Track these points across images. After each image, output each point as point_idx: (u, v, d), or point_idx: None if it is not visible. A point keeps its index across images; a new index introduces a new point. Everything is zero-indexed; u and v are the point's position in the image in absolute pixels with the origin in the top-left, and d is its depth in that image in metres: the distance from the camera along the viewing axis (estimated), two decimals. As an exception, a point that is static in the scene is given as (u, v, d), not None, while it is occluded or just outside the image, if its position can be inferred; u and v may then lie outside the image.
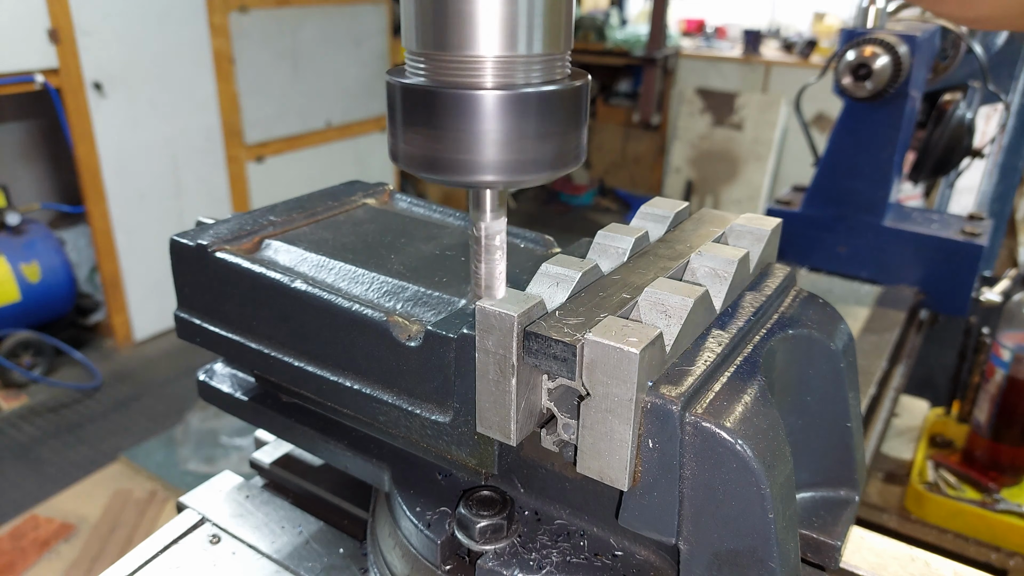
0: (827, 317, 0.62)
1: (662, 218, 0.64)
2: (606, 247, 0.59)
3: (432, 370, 0.54)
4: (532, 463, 0.56)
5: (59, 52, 3.34)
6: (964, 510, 1.34)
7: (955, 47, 1.57)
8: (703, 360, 0.49)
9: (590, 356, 0.45)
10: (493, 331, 0.48)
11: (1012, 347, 1.33)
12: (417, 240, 0.71)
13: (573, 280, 0.52)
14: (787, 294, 0.63)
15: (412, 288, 0.61)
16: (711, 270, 0.56)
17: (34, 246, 3.53)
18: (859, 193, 1.50)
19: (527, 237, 0.75)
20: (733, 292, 0.56)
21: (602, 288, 0.53)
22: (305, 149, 4.53)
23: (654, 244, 0.61)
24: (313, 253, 0.67)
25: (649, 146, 6.26)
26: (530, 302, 0.48)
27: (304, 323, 0.61)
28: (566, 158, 0.50)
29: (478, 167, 0.47)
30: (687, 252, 0.58)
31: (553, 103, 0.47)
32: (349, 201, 0.80)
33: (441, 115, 0.46)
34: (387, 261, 0.66)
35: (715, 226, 0.63)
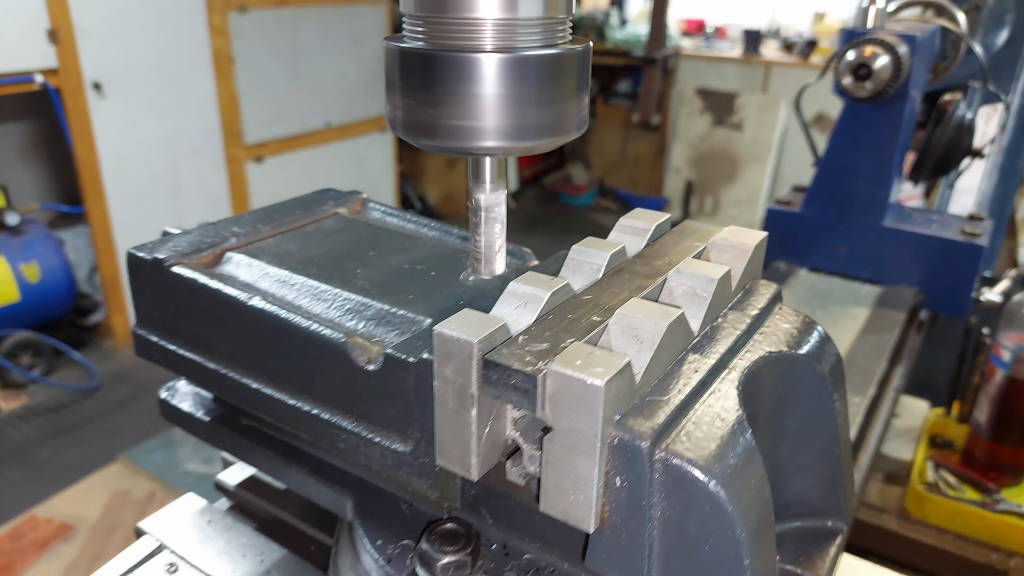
0: (814, 338, 0.59)
1: (641, 231, 0.60)
2: (580, 263, 0.55)
3: (391, 396, 0.50)
4: (501, 493, 0.52)
5: (58, 52, 3.34)
6: (964, 511, 1.34)
7: (955, 47, 1.56)
8: (677, 389, 0.46)
9: (553, 388, 0.41)
10: (451, 358, 0.44)
11: (1012, 347, 1.33)
12: (387, 253, 0.67)
13: (541, 301, 0.48)
14: (772, 313, 0.59)
15: (376, 306, 0.57)
16: (689, 289, 0.52)
17: (33, 246, 3.52)
18: (859, 193, 1.50)
19: None
20: (713, 312, 0.53)
21: (572, 309, 0.49)
22: (304, 149, 4.53)
23: (631, 260, 0.57)
24: (276, 267, 0.63)
25: (649, 146, 6.26)
26: (492, 326, 0.44)
27: (262, 343, 0.57)
28: (567, 124, 0.49)
29: (478, 133, 0.47)
30: (665, 269, 0.55)
31: (554, 67, 0.47)
32: (319, 211, 0.76)
33: (440, 79, 0.46)
34: (353, 276, 0.62)
35: (697, 240, 0.60)
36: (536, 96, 0.46)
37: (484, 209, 0.53)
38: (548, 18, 0.46)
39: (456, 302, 0.57)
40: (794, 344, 0.56)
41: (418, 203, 5.74)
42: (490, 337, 0.44)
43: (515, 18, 0.45)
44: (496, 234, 0.56)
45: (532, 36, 0.46)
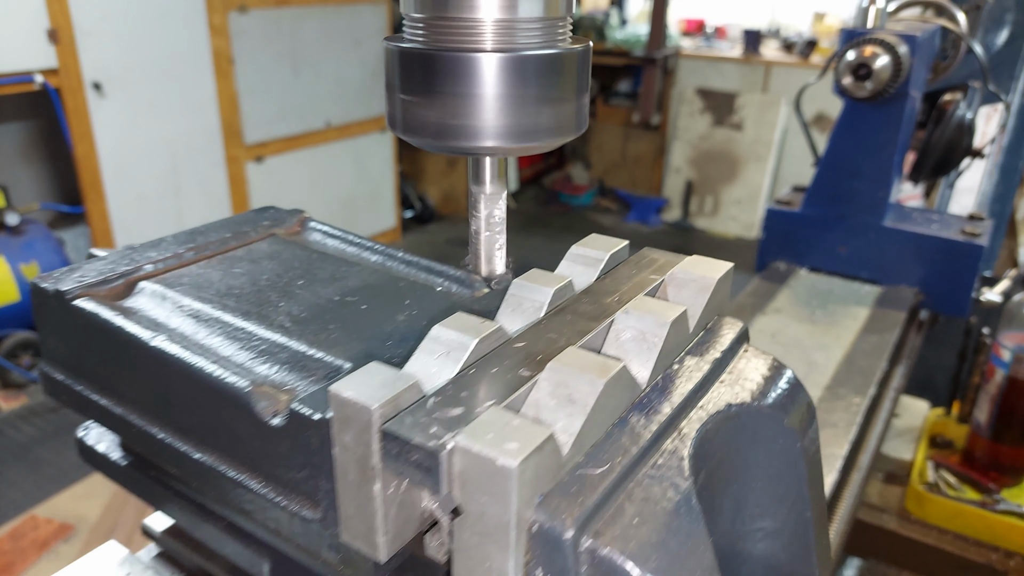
0: (783, 385, 0.53)
1: (593, 261, 0.55)
2: (520, 300, 0.50)
3: (298, 456, 0.45)
4: (421, 567, 0.46)
5: (58, 52, 3.34)
6: (964, 511, 1.34)
7: (955, 47, 1.56)
8: (614, 460, 0.40)
9: (460, 466, 0.36)
10: (349, 424, 0.38)
11: (1012, 347, 1.33)
12: (318, 282, 0.62)
13: (466, 350, 0.43)
14: (736, 356, 0.53)
15: (293, 347, 0.51)
16: (638, 334, 0.46)
17: (34, 246, 3.52)
18: (859, 193, 1.50)
19: (450, 275, 0.63)
20: (665, 360, 0.47)
21: (500, 360, 0.43)
22: (304, 149, 4.53)
23: (578, 297, 0.51)
24: (190, 300, 0.57)
25: (649, 146, 6.26)
26: (399, 386, 0.39)
27: (166, 388, 0.52)
28: (567, 124, 0.49)
29: (478, 133, 0.46)
30: (613, 308, 0.49)
31: (554, 67, 0.47)
32: (253, 232, 0.70)
33: (440, 79, 0.46)
34: (274, 310, 0.56)
35: (654, 272, 0.54)
36: (536, 96, 0.46)
37: (484, 209, 0.53)
38: (548, 18, 0.46)
39: (383, 343, 0.52)
40: (759, 394, 0.50)
41: (418, 203, 5.74)
42: (395, 400, 0.38)
43: (515, 18, 0.45)
44: (496, 234, 0.55)
45: (532, 36, 0.46)
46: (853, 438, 1.04)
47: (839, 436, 1.03)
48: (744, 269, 5.17)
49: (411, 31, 0.47)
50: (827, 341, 1.29)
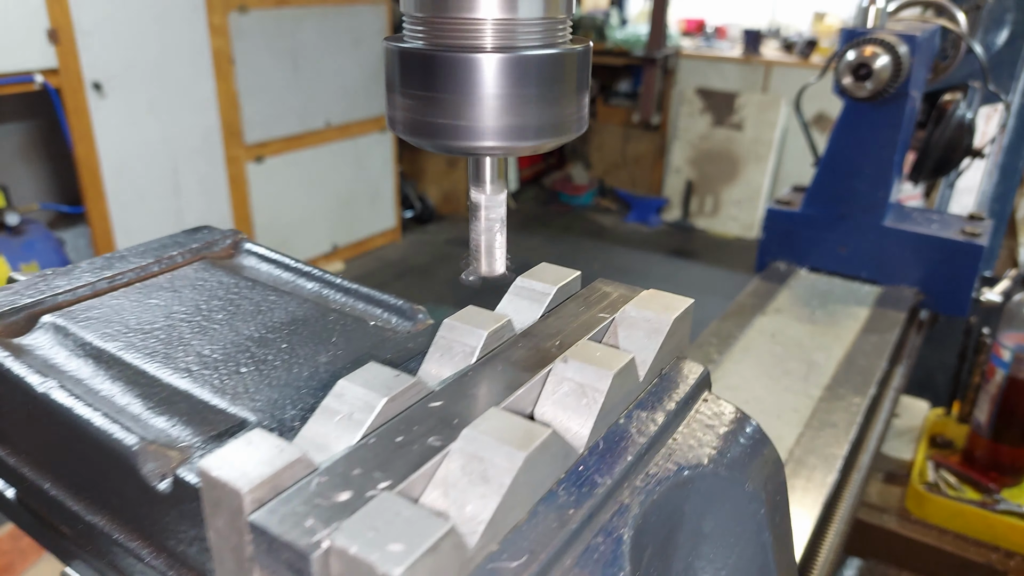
0: (745, 443, 0.47)
1: (539, 296, 0.50)
2: (451, 344, 0.45)
3: (187, 528, 0.40)
4: None
5: (58, 52, 3.34)
6: (964, 510, 1.34)
7: (955, 47, 1.56)
8: (536, 549, 0.34)
9: (337, 570, 0.30)
10: (220, 508, 0.33)
11: (1012, 347, 1.33)
12: (240, 315, 0.57)
13: (372, 411, 0.37)
14: (695, 406, 0.47)
15: (195, 396, 0.47)
16: (577, 388, 0.41)
17: (33, 246, 3.52)
18: (859, 193, 1.50)
19: (390, 306, 0.59)
20: (608, 417, 0.42)
21: (410, 424, 0.37)
22: (305, 149, 4.53)
23: (515, 340, 0.46)
24: (94, 337, 0.52)
25: (649, 146, 6.26)
26: (279, 463, 0.33)
27: (57, 442, 0.47)
28: (567, 125, 0.49)
29: (478, 133, 0.46)
30: (552, 355, 0.43)
31: (554, 67, 0.46)
32: (180, 257, 0.65)
33: (440, 79, 0.45)
34: (183, 350, 0.52)
35: (605, 309, 0.49)
36: (536, 96, 0.46)
37: (484, 209, 0.53)
38: (548, 18, 0.46)
39: (296, 391, 0.48)
40: (717, 453, 0.44)
41: (418, 203, 5.74)
42: (274, 480, 0.33)
43: (515, 18, 0.45)
44: (496, 234, 0.55)
45: (532, 36, 0.46)
46: (853, 438, 1.04)
47: (839, 436, 1.03)
48: (744, 269, 5.18)
49: (411, 31, 0.47)
50: (827, 341, 1.29)
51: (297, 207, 4.57)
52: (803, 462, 0.98)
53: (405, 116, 0.48)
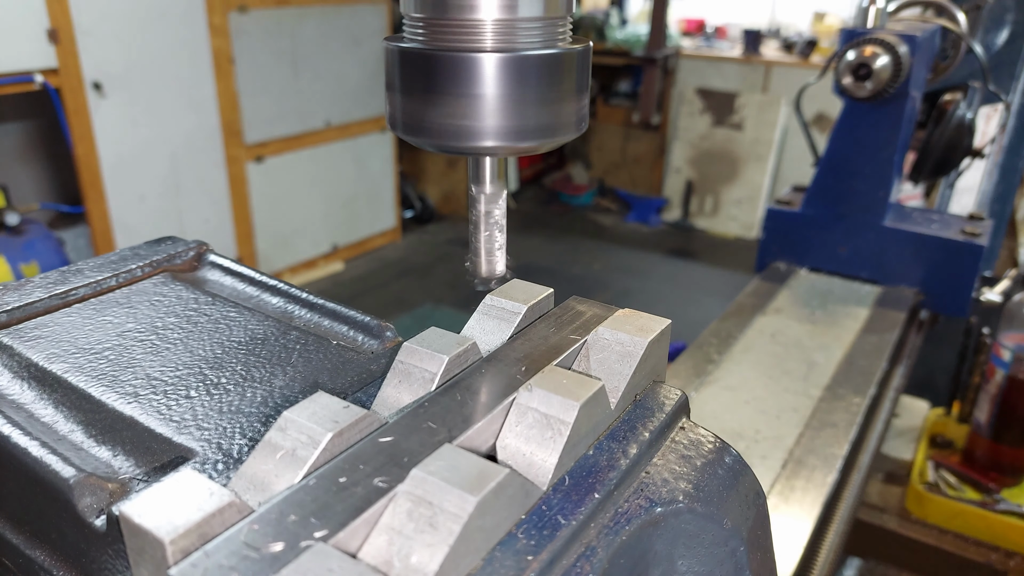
0: (723, 475, 0.43)
1: (509, 315, 0.48)
2: (409, 370, 0.42)
3: (123, 565, 0.37)
4: None
5: (58, 52, 3.34)
6: (964, 510, 1.34)
7: (955, 47, 1.56)
8: None
9: None
10: (144, 556, 0.31)
11: (1012, 347, 1.33)
12: (196, 333, 0.54)
13: (316, 446, 0.34)
14: (670, 436, 0.44)
15: (141, 424, 0.44)
16: (541, 419, 0.38)
17: (34, 246, 3.52)
18: (859, 193, 1.50)
19: (357, 323, 0.57)
20: (575, 450, 0.39)
21: (355, 463, 0.34)
22: (305, 149, 4.53)
23: (479, 364, 0.43)
24: (40, 358, 0.49)
25: (649, 146, 6.26)
26: (208, 507, 0.31)
27: None
28: (567, 125, 0.48)
29: (478, 133, 0.46)
30: (517, 383, 0.40)
31: (554, 67, 0.46)
32: (140, 270, 0.62)
33: (440, 79, 0.45)
34: (133, 372, 0.49)
35: (576, 331, 0.47)
36: (536, 96, 0.46)
37: (484, 209, 0.53)
38: (548, 18, 0.46)
39: (246, 418, 0.45)
40: (693, 487, 0.41)
41: (418, 203, 5.74)
42: (201, 527, 0.30)
43: (515, 18, 0.45)
44: (496, 235, 0.55)
45: (532, 36, 0.46)
46: (853, 438, 1.04)
47: (839, 436, 1.03)
48: (744, 269, 5.17)
49: (411, 31, 0.47)
50: (827, 341, 1.29)
51: (297, 207, 4.57)
52: (803, 462, 0.98)
53: (405, 116, 0.48)
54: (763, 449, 1.01)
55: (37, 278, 0.59)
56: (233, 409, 0.46)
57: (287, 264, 4.60)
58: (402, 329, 0.56)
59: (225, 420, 0.45)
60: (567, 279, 4.89)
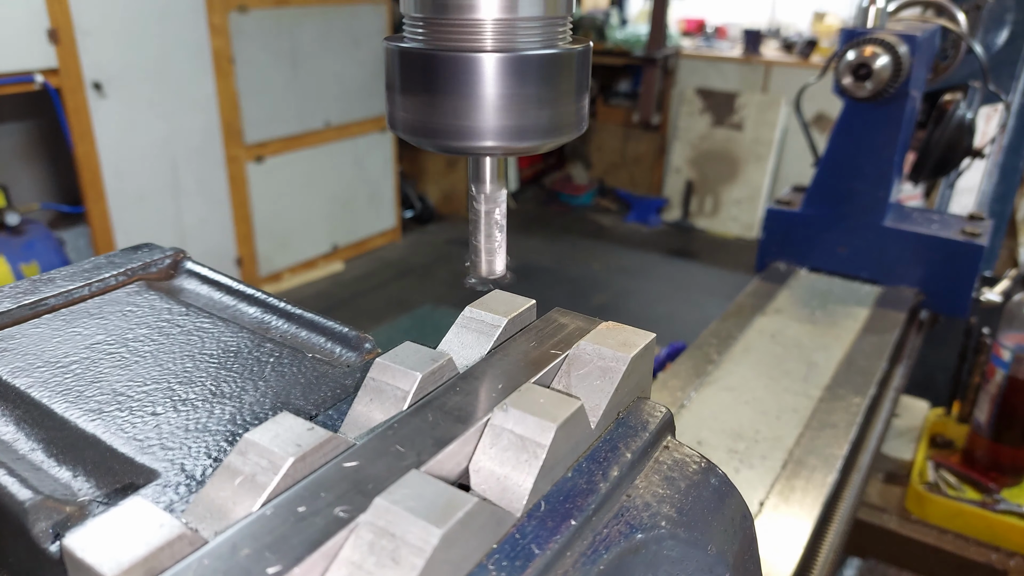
0: (708, 498, 0.41)
1: (489, 328, 0.46)
2: (381, 387, 0.40)
3: None
4: None
5: (59, 52, 3.34)
6: (964, 510, 1.34)
7: (955, 47, 1.56)
8: None
9: None
10: None
11: (1012, 347, 1.33)
12: (167, 346, 0.53)
13: (277, 472, 0.33)
14: (653, 456, 0.42)
15: (104, 442, 0.42)
16: (517, 441, 0.36)
17: (34, 246, 3.52)
18: (859, 193, 1.50)
19: (335, 334, 0.55)
20: (552, 473, 0.37)
21: (317, 490, 0.33)
22: (304, 149, 4.53)
23: (454, 382, 0.41)
24: (4, 373, 0.48)
25: (649, 146, 6.26)
26: (156, 540, 0.29)
27: None
28: (567, 125, 0.48)
29: (478, 133, 0.46)
30: (492, 402, 0.39)
31: (554, 67, 0.46)
32: (114, 279, 0.61)
33: (440, 79, 0.45)
34: (99, 387, 0.48)
35: (557, 345, 0.45)
36: (536, 96, 0.46)
37: (484, 209, 0.53)
38: (548, 18, 0.46)
39: (213, 437, 0.44)
40: (676, 511, 0.39)
41: (418, 203, 5.74)
42: (147, 563, 0.29)
43: (515, 18, 0.45)
44: (496, 235, 0.55)
45: (532, 36, 0.46)
46: (853, 438, 1.04)
47: (839, 436, 1.03)
48: (744, 269, 5.17)
49: (411, 31, 0.47)
50: (827, 341, 1.29)
51: (297, 207, 4.57)
52: (803, 462, 0.98)
53: (405, 116, 0.48)
54: (763, 449, 1.00)
55: (7, 287, 0.58)
56: (200, 427, 0.44)
57: (287, 264, 4.60)
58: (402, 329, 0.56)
59: (191, 439, 0.43)
60: (567, 279, 4.89)
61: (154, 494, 0.39)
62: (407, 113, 0.48)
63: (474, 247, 0.57)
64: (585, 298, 4.58)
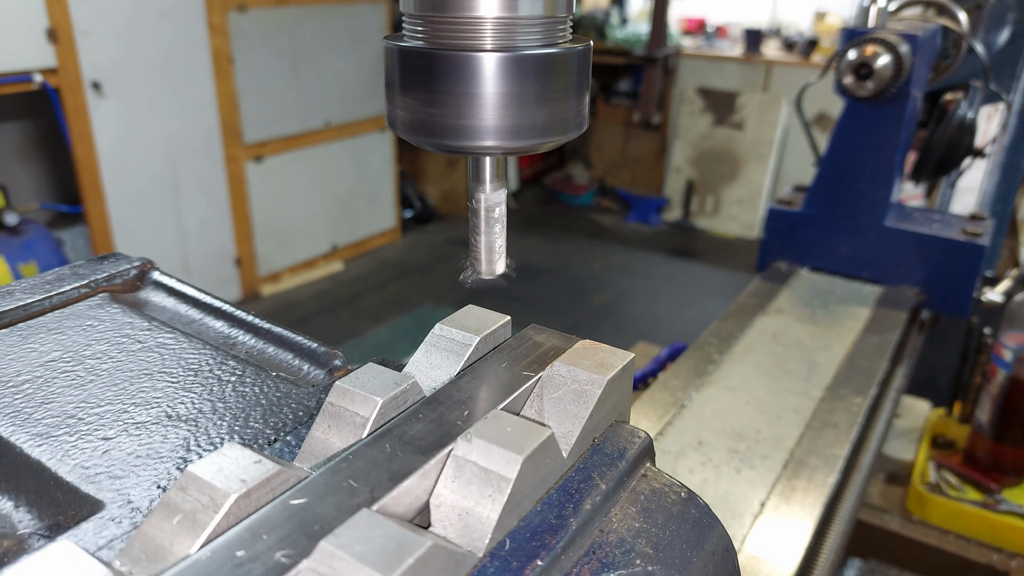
0: (689, 529, 0.39)
1: (459, 347, 0.43)
2: (339, 413, 0.38)
3: None
4: None
5: (58, 52, 3.33)
6: (966, 511, 1.33)
7: (956, 46, 1.56)
8: None
9: None
10: None
11: (1014, 347, 1.33)
12: (126, 363, 0.50)
13: (218, 510, 0.30)
14: (630, 486, 0.40)
15: (50, 470, 0.40)
16: (481, 474, 0.34)
17: (32, 246, 3.52)
18: (860, 193, 1.50)
19: (304, 350, 0.53)
20: (518, 509, 0.34)
21: (259, 531, 0.30)
22: (304, 149, 4.53)
23: (417, 408, 0.39)
24: None
25: (650, 146, 6.26)
26: None
27: None
28: (567, 124, 0.48)
29: (477, 132, 0.46)
30: (457, 430, 0.36)
31: (554, 66, 0.46)
32: (76, 291, 0.58)
33: (439, 78, 0.45)
34: (50, 408, 0.45)
35: (531, 366, 0.42)
36: (536, 95, 0.46)
37: (484, 209, 0.52)
38: (548, 17, 0.46)
39: (163, 464, 0.42)
40: (653, 547, 0.37)
41: (418, 203, 5.74)
42: None
43: (515, 17, 0.44)
44: (496, 234, 0.55)
45: (532, 35, 0.46)
46: (854, 439, 1.04)
47: (840, 437, 1.03)
48: (745, 269, 5.17)
49: (411, 30, 0.47)
50: (828, 341, 1.28)
51: (296, 207, 4.57)
52: (804, 463, 0.98)
53: (405, 115, 0.48)
54: (764, 450, 1.00)
55: None
56: (151, 453, 0.42)
57: (286, 264, 4.60)
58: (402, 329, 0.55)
59: (141, 466, 0.41)
60: (567, 279, 4.88)
61: (96, 528, 0.36)
62: (407, 112, 0.48)
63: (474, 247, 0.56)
64: (585, 298, 4.58)
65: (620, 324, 4.24)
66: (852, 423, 1.06)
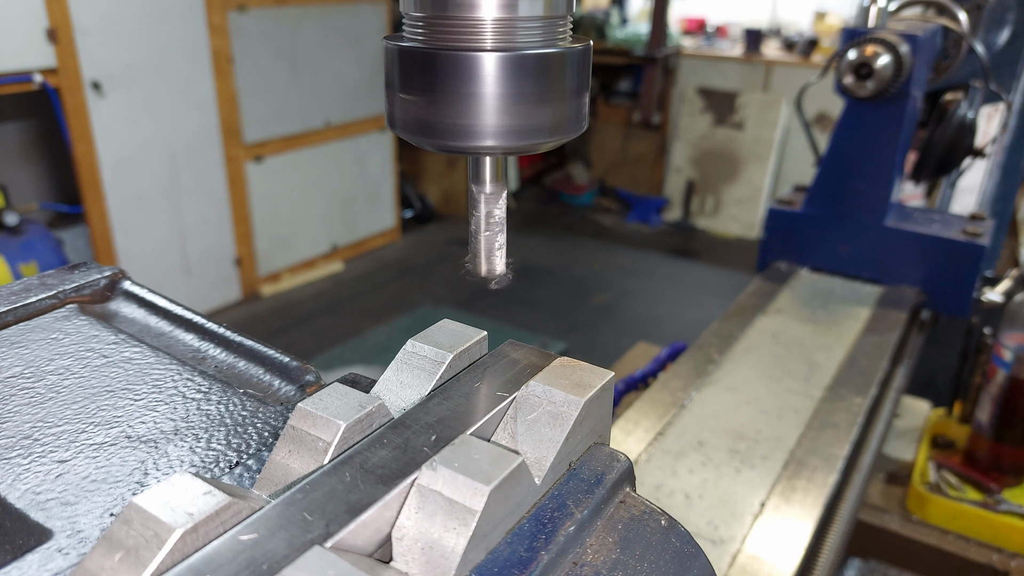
0: (668, 560, 0.37)
1: (431, 365, 0.42)
2: (302, 437, 0.36)
3: None
4: None
5: (57, 52, 3.33)
6: (966, 511, 1.33)
7: (957, 46, 1.56)
8: None
9: None
10: None
11: (1014, 347, 1.33)
12: (89, 379, 0.49)
13: (162, 546, 0.28)
14: (607, 513, 0.38)
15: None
16: (446, 504, 0.32)
17: (32, 246, 3.52)
18: (861, 193, 1.50)
19: (276, 364, 0.52)
20: (485, 542, 0.33)
21: (203, 570, 0.29)
22: (304, 149, 4.53)
23: (383, 432, 0.37)
24: None
25: (650, 146, 6.26)
26: None
27: None
28: (567, 124, 0.48)
29: (477, 132, 0.46)
30: (422, 458, 0.35)
31: (554, 66, 0.46)
32: (44, 302, 0.57)
33: (439, 78, 0.45)
34: (3, 427, 0.44)
35: (507, 385, 0.41)
36: (536, 95, 0.46)
37: (484, 209, 0.52)
38: (548, 17, 0.46)
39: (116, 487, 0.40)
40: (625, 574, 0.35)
41: (418, 203, 5.74)
42: None
43: (515, 17, 0.44)
44: (497, 234, 0.55)
45: (532, 35, 0.46)
46: (854, 439, 1.04)
47: (840, 437, 1.03)
48: (745, 269, 5.17)
49: (410, 30, 0.47)
50: (828, 341, 1.28)
51: (296, 207, 4.57)
52: (804, 463, 0.98)
53: (405, 115, 0.48)
54: (764, 450, 1.00)
55: None
56: (107, 477, 0.40)
57: (286, 264, 4.60)
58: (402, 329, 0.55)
59: (95, 491, 0.39)
60: (567, 279, 4.88)
61: (40, 560, 0.35)
62: (406, 112, 0.48)
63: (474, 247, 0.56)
64: (586, 298, 4.58)
65: (620, 324, 4.24)
66: (852, 423, 1.06)
